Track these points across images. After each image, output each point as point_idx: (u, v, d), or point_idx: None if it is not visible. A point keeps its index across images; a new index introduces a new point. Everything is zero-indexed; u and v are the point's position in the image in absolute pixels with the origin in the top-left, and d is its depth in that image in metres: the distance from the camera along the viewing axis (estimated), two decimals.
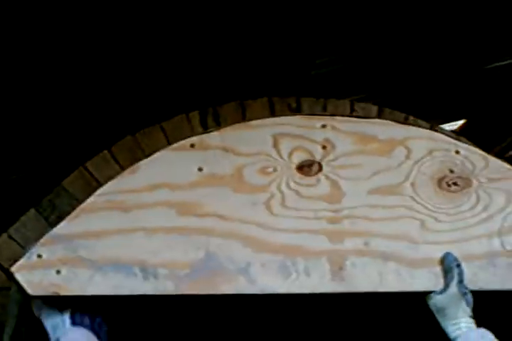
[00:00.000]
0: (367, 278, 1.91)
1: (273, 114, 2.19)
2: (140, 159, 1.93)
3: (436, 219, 1.99)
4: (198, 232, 1.87)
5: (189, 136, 1.94)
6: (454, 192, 2.04)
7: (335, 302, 2.05)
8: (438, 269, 1.95)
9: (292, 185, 1.96)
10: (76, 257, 1.80)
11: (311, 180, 1.97)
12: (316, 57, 3.10)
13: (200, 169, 1.92)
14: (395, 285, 1.91)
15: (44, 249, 1.80)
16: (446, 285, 1.88)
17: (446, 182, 2.04)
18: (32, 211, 2.24)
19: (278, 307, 2.19)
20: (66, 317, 1.75)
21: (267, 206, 1.92)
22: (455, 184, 2.04)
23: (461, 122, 4.65)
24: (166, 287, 1.81)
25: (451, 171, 2.05)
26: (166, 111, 2.32)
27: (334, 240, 1.93)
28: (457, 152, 2.07)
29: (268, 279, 1.86)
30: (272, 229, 1.90)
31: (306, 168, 1.99)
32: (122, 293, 1.79)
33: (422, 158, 2.04)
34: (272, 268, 1.87)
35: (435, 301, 1.87)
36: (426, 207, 2.00)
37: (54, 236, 1.81)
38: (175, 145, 1.94)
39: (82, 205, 1.84)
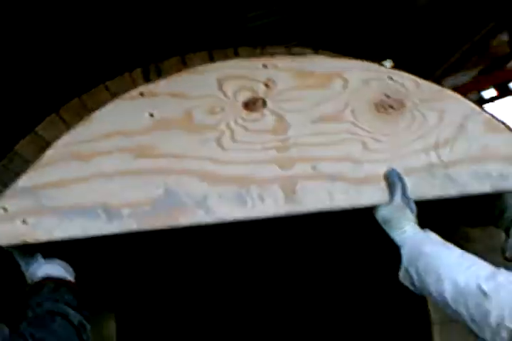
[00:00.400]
0: (317, 198, 1.98)
1: None
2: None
3: (376, 139, 2.07)
4: (155, 172, 1.92)
5: None
6: (390, 114, 2.09)
7: (291, 227, 2.10)
8: (383, 184, 2.01)
9: (240, 121, 2.02)
10: (40, 206, 1.83)
11: (257, 115, 2.04)
12: (249, 10, 3.13)
13: (151, 115, 1.96)
14: (344, 203, 1.96)
15: (9, 202, 1.82)
16: (391, 198, 1.94)
17: (383, 106, 2.12)
18: None
19: (238, 237, 2.24)
20: (38, 255, 1.78)
21: (218, 142, 1.98)
22: (391, 107, 2.11)
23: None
24: (130, 225, 1.86)
25: (387, 96, 2.10)
26: (108, 70, 2.31)
27: (284, 167, 1.99)
28: (390, 78, 2.12)
29: (225, 209, 1.91)
30: (224, 163, 1.96)
31: (251, 104, 2.04)
32: (89, 235, 1.82)
33: (359, 86, 2.08)
34: (228, 198, 1.92)
35: (381, 214, 1.94)
36: (366, 130, 2.08)
37: (17, 189, 1.84)
38: (125, 94, 1.98)
39: (42, 158, 1.86)
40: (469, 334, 1.69)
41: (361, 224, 2.15)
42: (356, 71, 2.17)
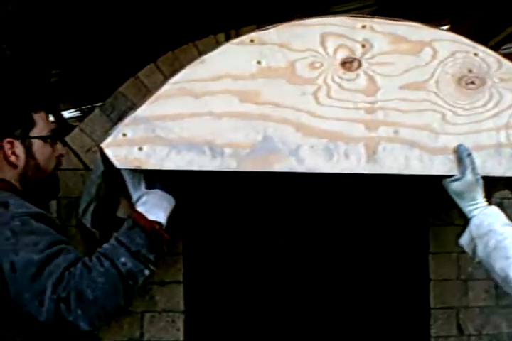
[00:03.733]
0: (395, 161, 2.49)
1: None
2: (178, 70, 2.50)
3: (454, 113, 2.57)
4: (257, 118, 2.41)
5: None
6: (470, 89, 2.60)
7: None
8: (453, 156, 2.50)
9: (336, 78, 2.49)
10: (155, 136, 2.32)
11: (352, 75, 2.51)
12: None
13: (258, 62, 2.43)
14: (419, 169, 2.49)
15: (128, 129, 2.31)
16: (462, 173, 2.45)
17: (465, 81, 2.61)
18: (97, 110, 3.29)
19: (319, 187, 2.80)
20: (142, 182, 2.43)
21: (315, 96, 2.47)
22: (472, 83, 2.60)
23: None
24: (230, 164, 2.36)
25: (470, 71, 2.62)
26: (193, 33, 3.16)
27: (370, 128, 2.50)
28: (476, 54, 2.62)
29: (314, 160, 2.40)
30: (318, 117, 2.47)
31: (348, 64, 2.51)
32: (194, 168, 2.31)
33: (446, 58, 2.62)
34: (317, 150, 2.42)
35: (454, 186, 2.50)
36: (446, 102, 2.57)
37: (136, 118, 2.33)
38: (236, 40, 2.41)
39: (159, 92, 2.36)
40: None
41: None
42: (446, 42, 2.64)
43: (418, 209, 3.45)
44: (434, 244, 3.42)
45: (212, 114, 2.47)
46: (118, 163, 2.37)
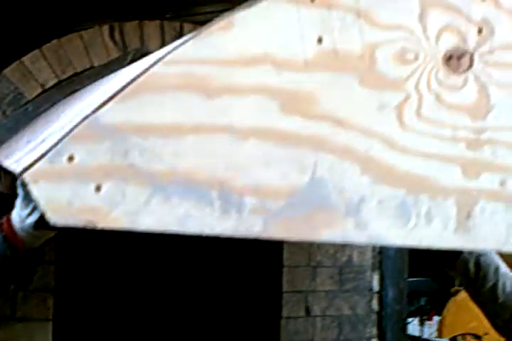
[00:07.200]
0: (494, 231, 1.59)
1: None
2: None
3: None
4: (306, 143, 1.38)
5: None
6: None
7: None
8: None
9: (434, 84, 1.49)
10: (128, 166, 1.23)
11: (458, 80, 1.53)
12: None
13: (319, 40, 1.35)
14: None
15: (78, 148, 1.20)
16: None
17: None
18: None
19: None
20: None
21: (399, 112, 1.44)
22: None
23: None
24: (252, 226, 1.33)
25: None
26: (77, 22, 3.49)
27: (469, 173, 1.53)
28: None
29: (380, 224, 1.44)
30: (399, 150, 1.47)
31: (456, 59, 1.50)
32: (189, 231, 1.27)
33: None
34: (388, 208, 1.47)
35: None
36: None
37: (95, 127, 1.21)
38: None
39: (142, 78, 1.22)
40: None
41: None
42: None
43: None
44: None
45: (234, 131, 1.40)
46: (53, 217, 1.27)
